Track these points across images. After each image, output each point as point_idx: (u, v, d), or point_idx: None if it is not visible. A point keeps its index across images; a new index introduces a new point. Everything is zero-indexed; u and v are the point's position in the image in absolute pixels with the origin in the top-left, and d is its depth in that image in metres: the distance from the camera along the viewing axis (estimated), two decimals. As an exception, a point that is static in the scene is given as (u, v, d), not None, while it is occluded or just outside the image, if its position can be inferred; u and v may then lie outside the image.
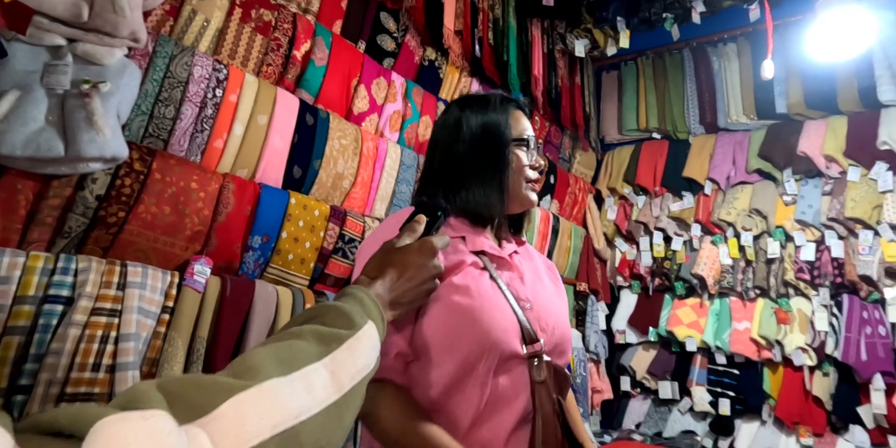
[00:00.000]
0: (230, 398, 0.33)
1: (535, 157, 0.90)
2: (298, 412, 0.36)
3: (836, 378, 2.16)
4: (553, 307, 0.86)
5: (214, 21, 1.35)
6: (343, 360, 0.43)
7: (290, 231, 1.41)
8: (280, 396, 0.36)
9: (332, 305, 0.49)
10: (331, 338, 0.44)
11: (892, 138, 2.13)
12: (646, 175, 2.75)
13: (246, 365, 0.37)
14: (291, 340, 0.42)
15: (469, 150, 0.87)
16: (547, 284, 0.91)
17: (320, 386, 0.40)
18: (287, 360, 0.39)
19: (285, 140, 1.45)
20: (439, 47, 2.03)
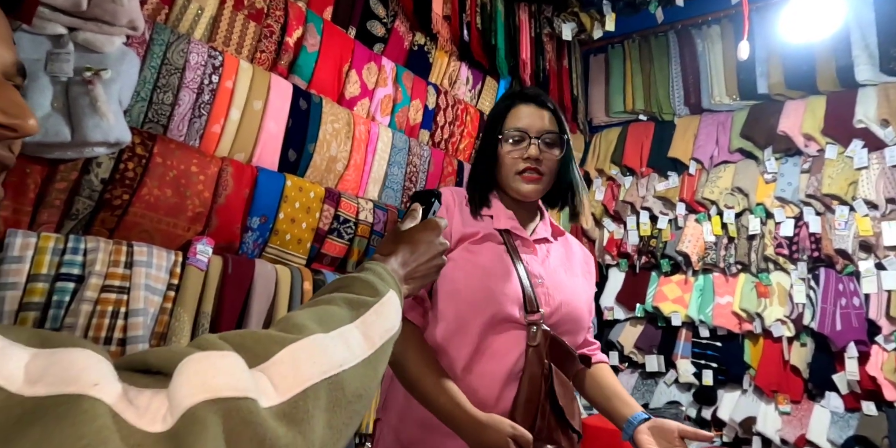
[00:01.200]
0: (284, 348, 0.37)
1: (530, 148, 0.92)
2: (342, 362, 0.40)
3: (812, 348, 2.26)
4: (567, 289, 0.93)
5: (208, 9, 1.39)
6: (372, 322, 0.47)
7: (286, 212, 1.47)
8: (326, 349, 0.40)
9: (357, 277, 0.53)
10: (360, 303, 0.48)
11: (868, 117, 2.20)
12: (632, 156, 2.81)
13: (291, 322, 0.41)
14: (325, 306, 0.46)
15: (480, 143, 1.02)
16: (573, 273, 0.99)
17: (356, 343, 0.44)
18: (325, 321, 0.43)
19: (280, 124, 1.50)
20: (428, 32, 2.07)
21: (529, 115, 0.96)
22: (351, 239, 1.63)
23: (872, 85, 2.26)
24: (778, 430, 2.25)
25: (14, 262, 1.01)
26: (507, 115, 0.97)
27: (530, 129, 0.94)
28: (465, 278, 0.86)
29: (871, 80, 2.25)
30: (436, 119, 2.08)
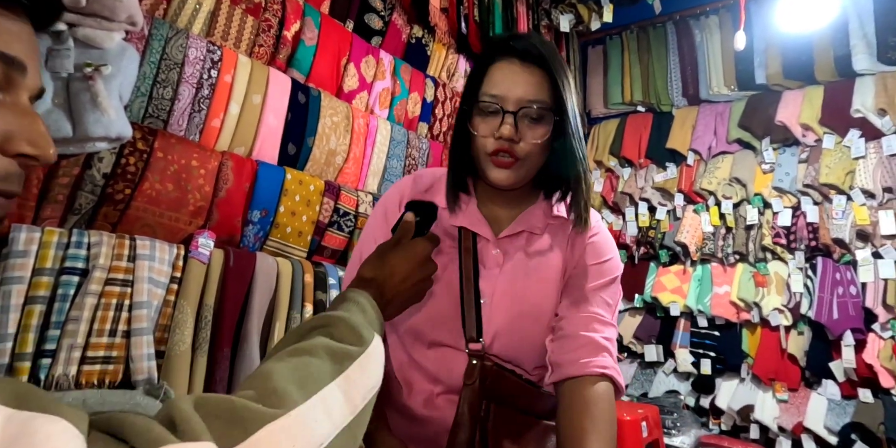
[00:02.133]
0: (264, 427, 0.35)
1: (503, 126, 0.69)
2: (322, 439, 0.38)
3: (809, 336, 2.28)
4: (512, 310, 0.75)
5: (206, 3, 1.39)
6: (355, 380, 0.44)
7: (287, 205, 1.48)
8: (306, 425, 0.38)
9: (340, 317, 0.49)
10: (343, 355, 0.45)
11: (865, 106, 2.21)
12: (631, 147, 2.82)
13: (271, 386, 0.38)
14: (306, 357, 0.43)
15: (456, 116, 0.78)
16: (537, 277, 0.77)
17: (337, 408, 0.41)
18: (305, 381, 0.40)
19: (279, 118, 1.51)
20: (426, 25, 2.07)
21: (511, 77, 0.70)
22: (351, 231, 1.65)
23: (870, 74, 2.26)
24: (775, 417, 2.28)
25: (19, 256, 1.03)
26: (485, 76, 0.72)
27: (507, 97, 0.69)
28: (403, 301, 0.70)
29: (868, 69, 2.25)
30: (434, 112, 2.09)
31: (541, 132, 0.71)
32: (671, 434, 2.38)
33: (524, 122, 0.71)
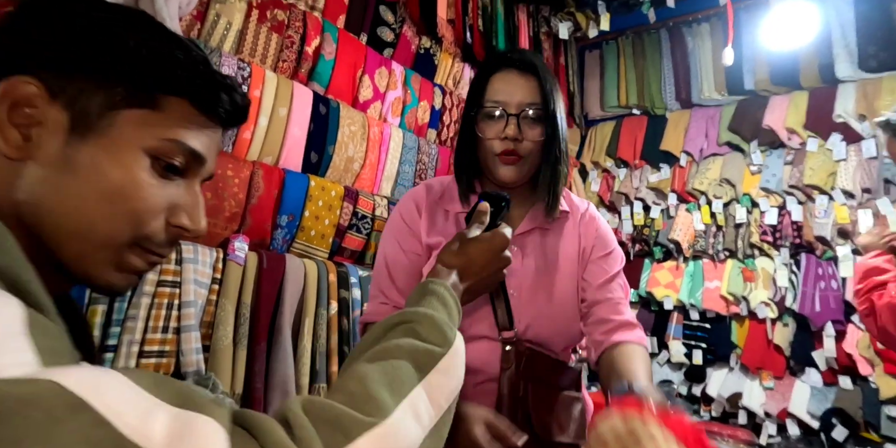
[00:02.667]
0: (363, 435, 0.37)
1: (508, 127, 0.79)
2: (413, 444, 0.41)
3: (794, 328, 2.43)
4: (539, 299, 0.83)
5: (235, 23, 1.49)
6: (439, 382, 0.46)
7: (311, 210, 1.59)
8: (400, 432, 0.40)
9: (426, 315, 0.51)
10: (428, 357, 0.46)
11: (847, 112, 2.35)
12: (626, 149, 2.95)
13: (366, 393, 0.40)
14: (395, 360, 0.44)
15: (461, 123, 0.89)
16: (555, 267, 0.86)
17: (424, 412, 0.43)
18: (395, 385, 0.42)
19: (302, 129, 1.62)
20: (433, 36, 2.18)
21: (511, 84, 0.81)
22: (368, 233, 1.76)
23: (851, 81, 2.40)
24: (762, 404, 2.43)
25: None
26: (487, 85, 0.83)
27: (510, 101, 0.80)
28: None
29: (850, 76, 2.39)
30: (442, 118, 2.20)
31: (539, 131, 0.82)
32: (665, 420, 2.53)
33: (525, 123, 0.81)
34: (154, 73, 0.44)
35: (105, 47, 0.43)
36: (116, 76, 0.43)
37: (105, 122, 0.42)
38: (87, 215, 0.42)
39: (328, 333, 1.46)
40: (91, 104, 0.42)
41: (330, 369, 1.45)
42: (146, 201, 0.43)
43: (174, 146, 0.44)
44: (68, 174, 0.41)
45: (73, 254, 0.42)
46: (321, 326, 1.46)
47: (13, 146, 0.41)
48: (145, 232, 0.44)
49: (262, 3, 1.56)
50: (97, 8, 0.45)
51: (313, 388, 1.38)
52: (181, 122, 0.45)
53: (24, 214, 0.41)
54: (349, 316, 1.53)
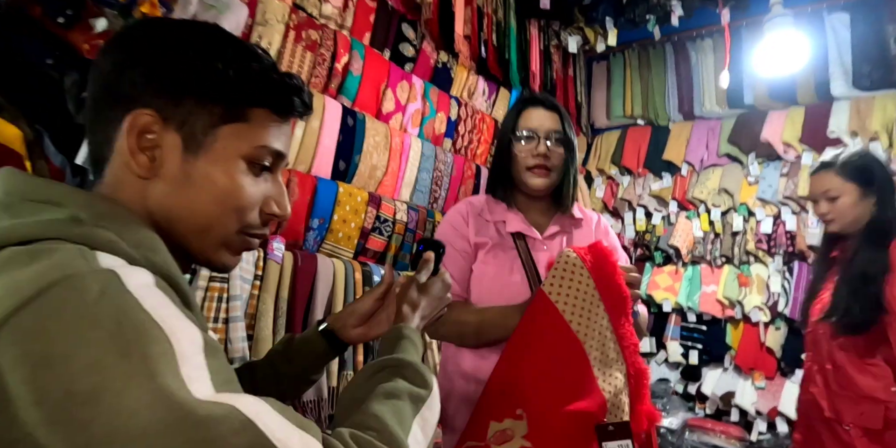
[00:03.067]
0: None
1: (539, 146, 1.07)
2: None
3: (785, 331, 2.57)
4: None
5: (274, 43, 1.64)
6: (427, 419, 0.55)
7: (339, 214, 1.74)
8: None
9: (409, 362, 0.60)
10: (418, 398, 0.55)
11: (840, 128, 2.48)
12: (630, 157, 3.09)
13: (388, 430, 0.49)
14: (398, 401, 0.53)
15: (496, 145, 1.19)
16: None
17: (420, 443, 0.52)
18: (402, 422, 0.51)
19: (332, 139, 1.77)
20: (451, 51, 2.32)
21: (539, 116, 1.10)
22: (389, 236, 1.91)
23: (846, 99, 2.53)
24: (753, 402, 2.57)
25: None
26: (520, 117, 1.12)
27: (540, 129, 1.09)
28: (482, 286, 1.08)
29: (844, 94, 2.52)
30: (457, 128, 2.35)
31: (562, 151, 1.11)
32: (662, 417, 2.67)
33: (552, 144, 1.09)
34: (243, 91, 0.52)
35: (201, 73, 0.50)
36: (213, 98, 0.51)
37: (210, 139, 0.51)
38: (205, 217, 0.52)
39: (354, 327, 1.61)
40: (196, 125, 0.51)
41: (356, 358, 1.59)
42: (246, 199, 0.53)
43: (264, 150, 0.54)
44: (187, 187, 0.51)
45: (197, 246, 0.54)
46: (348, 320, 1.61)
47: (143, 168, 0.50)
48: (247, 222, 0.54)
49: (298, 25, 1.71)
50: (182, 32, 0.53)
51: (341, 374, 1.53)
52: (266, 128, 0.54)
53: (158, 220, 0.51)
54: (373, 311, 1.68)
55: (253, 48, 0.56)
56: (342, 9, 1.90)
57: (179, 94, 0.50)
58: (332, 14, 1.87)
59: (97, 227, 0.44)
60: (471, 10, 2.37)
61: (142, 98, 0.50)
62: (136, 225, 0.48)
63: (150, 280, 0.43)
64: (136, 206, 0.51)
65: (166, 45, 0.51)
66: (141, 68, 0.50)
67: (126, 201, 0.51)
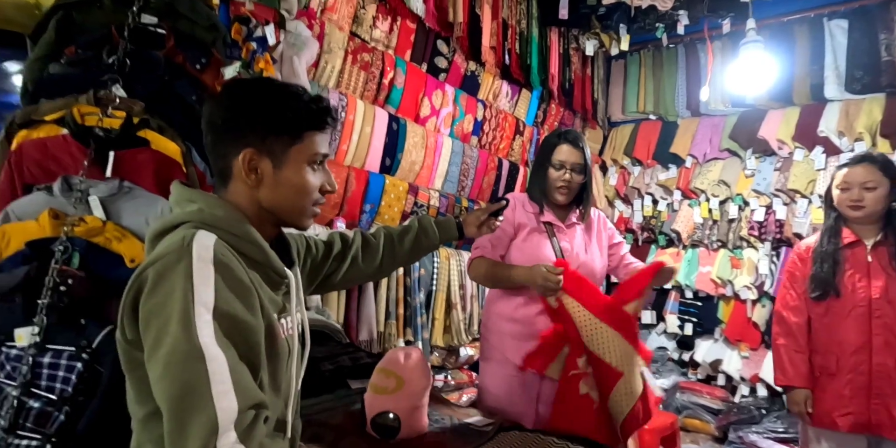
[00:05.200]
0: None
1: (566, 173, 1.53)
2: None
3: (770, 308, 2.90)
4: (586, 257, 1.57)
5: (336, 66, 2.09)
6: None
7: (386, 201, 2.20)
8: None
9: None
10: None
11: (829, 128, 2.74)
12: (641, 150, 3.41)
13: None
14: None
15: (534, 165, 1.66)
16: (590, 243, 1.61)
17: None
18: None
19: (380, 141, 2.22)
20: (478, 61, 2.71)
21: (568, 152, 1.54)
22: (424, 219, 2.37)
23: (837, 101, 2.78)
24: (738, 370, 2.93)
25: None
26: (554, 151, 1.56)
27: (567, 162, 1.54)
28: (523, 254, 1.53)
29: (836, 96, 2.77)
30: (482, 127, 2.75)
31: (581, 177, 1.57)
32: (656, 378, 3.08)
33: (573, 174, 1.54)
34: (296, 124, 0.78)
35: (275, 118, 0.76)
36: (281, 132, 0.77)
37: (285, 157, 0.78)
38: (293, 201, 0.80)
39: (397, 287, 2.09)
40: (276, 150, 0.77)
41: (398, 311, 2.08)
42: (312, 187, 0.80)
43: (317, 155, 0.80)
44: (280, 187, 0.78)
45: (290, 219, 0.82)
46: (393, 282, 2.09)
47: (253, 182, 0.78)
48: (315, 199, 0.82)
49: (354, 50, 2.14)
50: (256, 90, 0.78)
51: (388, 323, 2.02)
52: (314, 141, 0.79)
53: (267, 209, 0.79)
54: (411, 276, 2.15)
55: (295, 89, 0.80)
56: (388, 32, 2.32)
57: (265, 134, 0.77)
58: (381, 37, 2.29)
59: (209, 214, 0.75)
60: (496, 24, 2.74)
61: (245, 139, 0.77)
62: (232, 212, 0.77)
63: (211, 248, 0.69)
64: (249, 202, 0.79)
65: (254, 101, 0.77)
66: (243, 120, 0.77)
67: (244, 201, 0.79)
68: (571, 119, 3.41)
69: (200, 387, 0.60)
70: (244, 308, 0.68)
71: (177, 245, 0.68)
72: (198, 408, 0.59)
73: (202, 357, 0.61)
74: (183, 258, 0.66)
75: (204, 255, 0.67)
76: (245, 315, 0.68)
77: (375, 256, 1.14)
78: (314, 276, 1.07)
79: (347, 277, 1.12)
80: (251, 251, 0.75)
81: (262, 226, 0.80)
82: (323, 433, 1.09)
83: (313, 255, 1.05)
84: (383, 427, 1.11)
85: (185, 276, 0.65)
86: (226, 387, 0.61)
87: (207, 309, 0.64)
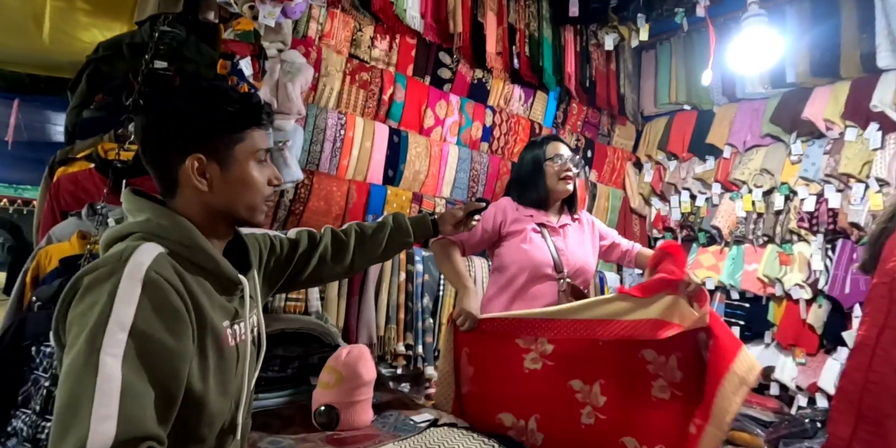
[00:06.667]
0: None
1: (567, 163, 1.60)
2: None
3: (827, 309, 2.60)
4: (579, 256, 1.62)
5: (335, 87, 2.25)
6: None
7: (388, 210, 2.32)
8: None
9: None
10: None
11: (883, 101, 2.42)
12: (676, 143, 3.23)
13: None
14: None
15: (522, 167, 1.71)
16: (584, 242, 1.66)
17: None
18: None
19: (381, 154, 2.35)
20: (484, 68, 2.75)
21: (560, 147, 1.65)
22: (431, 225, 2.45)
23: (892, 70, 2.45)
24: (793, 378, 2.65)
25: (254, 245, 1.99)
26: (546, 148, 1.65)
27: (563, 154, 1.63)
28: (521, 254, 1.56)
29: (890, 65, 2.44)
30: (493, 133, 2.79)
31: (578, 169, 1.66)
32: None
33: (572, 163, 1.64)
34: (237, 122, 0.80)
35: (213, 120, 0.79)
36: (225, 132, 0.80)
37: (231, 157, 0.80)
38: (245, 199, 0.83)
39: (398, 293, 2.19)
40: (221, 151, 0.79)
41: (398, 316, 2.18)
42: (261, 182, 0.84)
43: (260, 152, 0.84)
44: (228, 187, 0.81)
45: (243, 216, 0.84)
46: (394, 288, 2.19)
47: (205, 186, 0.80)
48: (264, 194, 0.86)
49: (352, 70, 2.30)
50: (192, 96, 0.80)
51: (388, 327, 2.13)
52: (255, 138, 0.83)
53: (221, 211, 0.82)
54: (413, 282, 2.24)
55: (223, 89, 0.83)
56: (388, 50, 2.45)
57: (207, 138, 0.80)
58: (381, 55, 2.43)
59: (156, 225, 0.77)
60: (502, 30, 2.77)
61: (188, 146, 0.79)
62: (180, 221, 0.78)
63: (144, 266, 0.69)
64: (200, 208, 0.81)
65: (188, 107, 0.80)
66: (182, 128, 0.79)
67: (194, 208, 0.80)
68: (597, 117, 3.32)
69: (83, 403, 0.59)
70: (166, 331, 0.67)
71: (113, 258, 0.70)
72: (73, 424, 0.59)
73: (95, 374, 0.60)
74: (114, 273, 0.67)
75: (135, 273, 0.67)
76: (166, 338, 0.67)
77: (346, 255, 1.15)
78: (279, 276, 1.07)
79: (316, 276, 1.14)
80: (201, 260, 0.77)
81: (215, 230, 0.82)
82: (271, 422, 1.21)
83: (277, 255, 1.06)
84: (323, 419, 1.21)
85: (110, 291, 0.65)
86: (109, 411, 0.59)
87: (122, 328, 0.63)
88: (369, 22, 2.39)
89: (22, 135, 2.88)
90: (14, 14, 2.08)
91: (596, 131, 3.33)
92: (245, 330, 0.84)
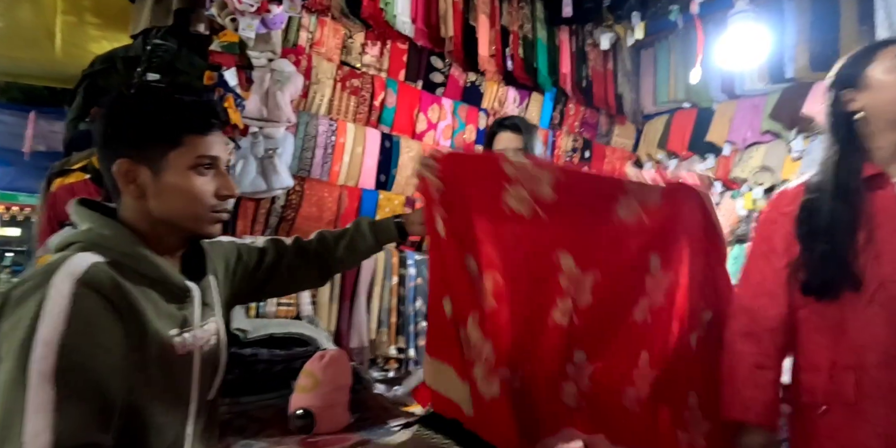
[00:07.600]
0: None
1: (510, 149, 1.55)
2: None
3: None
4: None
5: (326, 94, 2.28)
6: None
7: (380, 214, 2.34)
8: None
9: None
10: None
11: (885, 96, 2.36)
12: (675, 141, 3.19)
13: None
14: None
15: None
16: None
17: None
18: None
19: (373, 159, 2.37)
20: (476, 71, 2.76)
21: (507, 139, 1.50)
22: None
23: (894, 64, 2.38)
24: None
25: (247, 251, 2.02)
26: (494, 141, 1.54)
27: (506, 151, 1.47)
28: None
29: (892, 59, 2.38)
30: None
31: None
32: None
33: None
34: (174, 128, 0.77)
35: (148, 125, 0.76)
36: (159, 138, 0.76)
37: (165, 164, 0.76)
38: (184, 209, 0.79)
39: (390, 296, 2.21)
40: (154, 157, 0.76)
41: (390, 319, 2.20)
42: (201, 192, 0.79)
43: (202, 159, 0.78)
44: (163, 195, 0.77)
45: (188, 227, 0.80)
46: (386, 292, 2.22)
47: (135, 193, 0.77)
48: (209, 205, 0.80)
49: (343, 77, 2.33)
50: (136, 100, 0.78)
51: (380, 331, 2.15)
52: (195, 145, 0.77)
53: (160, 219, 0.78)
54: (405, 286, 2.26)
55: (175, 97, 0.79)
56: (379, 56, 2.48)
57: (140, 143, 0.76)
58: (372, 62, 2.46)
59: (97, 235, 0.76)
60: (495, 32, 2.77)
61: (120, 150, 0.76)
62: (120, 230, 0.77)
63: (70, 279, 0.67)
64: (141, 216, 0.78)
65: (128, 111, 0.78)
66: (118, 131, 0.77)
67: (136, 215, 0.78)
68: (595, 117, 3.30)
69: (16, 419, 0.59)
70: (95, 344, 0.66)
71: (41, 272, 0.69)
72: (10, 439, 0.59)
73: (24, 390, 0.60)
74: (40, 287, 0.66)
75: (61, 286, 0.66)
76: (95, 351, 0.66)
77: (311, 265, 1.10)
78: (248, 285, 1.04)
79: (283, 285, 1.11)
80: (144, 268, 0.75)
81: (162, 239, 0.80)
82: (248, 426, 1.23)
83: (244, 263, 1.02)
84: (299, 423, 1.23)
85: (36, 306, 0.64)
86: (41, 425, 0.60)
87: (47, 343, 0.62)
88: (360, 28, 2.42)
89: (39, 145, 2.99)
90: (27, 29, 2.16)
91: (594, 131, 3.31)
92: (199, 338, 0.82)
